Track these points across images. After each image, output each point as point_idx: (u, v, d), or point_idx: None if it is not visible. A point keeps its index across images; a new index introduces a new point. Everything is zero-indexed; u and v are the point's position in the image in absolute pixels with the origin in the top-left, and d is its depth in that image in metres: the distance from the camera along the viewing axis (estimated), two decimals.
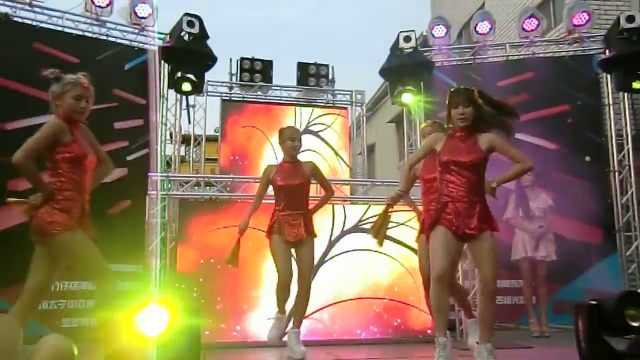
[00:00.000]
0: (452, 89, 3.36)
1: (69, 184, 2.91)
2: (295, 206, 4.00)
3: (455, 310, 5.27)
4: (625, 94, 6.61)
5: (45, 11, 5.87)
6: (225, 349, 4.51)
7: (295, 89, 8.54)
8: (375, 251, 4.94)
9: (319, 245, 4.57)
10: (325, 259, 5.14)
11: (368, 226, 4.59)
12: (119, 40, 6.28)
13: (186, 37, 6.11)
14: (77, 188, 2.95)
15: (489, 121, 3.21)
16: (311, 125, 8.13)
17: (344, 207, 5.33)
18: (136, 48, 6.38)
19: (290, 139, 4.09)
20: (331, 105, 8.63)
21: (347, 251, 5.20)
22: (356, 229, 5.26)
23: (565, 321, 5.52)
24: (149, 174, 4.92)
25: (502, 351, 4.39)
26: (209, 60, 6.36)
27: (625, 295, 2.57)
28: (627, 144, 6.52)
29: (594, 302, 2.64)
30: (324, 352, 4.30)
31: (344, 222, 5.25)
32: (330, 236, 5.20)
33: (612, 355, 2.40)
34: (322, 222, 5.06)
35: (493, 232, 3.16)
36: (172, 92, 6.70)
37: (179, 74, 6.27)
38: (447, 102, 3.27)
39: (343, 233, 5.24)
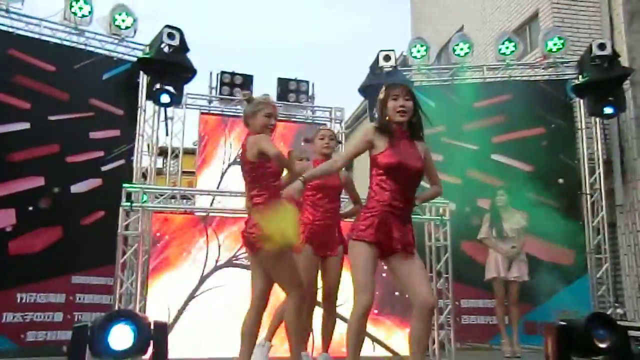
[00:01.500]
0: (387, 83, 3.02)
1: (275, 197, 3.06)
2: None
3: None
4: (597, 119, 6.78)
5: (23, 18, 5.79)
6: None
7: (275, 104, 8.54)
8: None
9: None
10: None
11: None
12: (97, 50, 6.23)
13: (166, 49, 6.07)
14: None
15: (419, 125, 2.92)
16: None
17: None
18: (115, 59, 6.33)
19: (321, 137, 3.83)
20: (310, 121, 8.65)
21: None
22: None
23: (537, 342, 5.57)
24: (123, 185, 4.84)
25: None
26: (189, 72, 6.33)
27: (593, 316, 2.61)
28: (599, 167, 6.68)
29: (563, 323, 2.66)
30: None
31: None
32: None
33: None
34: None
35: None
36: (150, 103, 6.64)
37: (157, 86, 6.23)
38: (381, 96, 2.88)
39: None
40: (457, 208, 6.10)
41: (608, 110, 6.47)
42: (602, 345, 2.55)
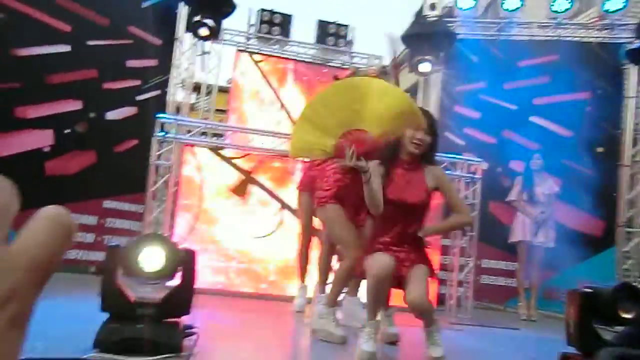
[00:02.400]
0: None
1: None
2: None
3: (447, 285, 5.33)
4: None
5: None
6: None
7: (313, 47, 8.38)
8: None
9: None
10: None
11: None
12: None
13: None
14: None
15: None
16: None
17: None
18: None
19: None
20: (347, 67, 8.47)
21: None
22: None
23: (554, 308, 5.57)
24: (157, 116, 4.87)
25: (488, 329, 4.46)
26: (229, 7, 6.23)
27: (621, 286, 2.57)
28: None
29: (588, 290, 2.63)
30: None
31: None
32: None
33: (601, 344, 2.41)
34: None
35: None
36: (187, 36, 6.58)
37: (197, 18, 6.15)
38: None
39: None
40: (489, 167, 6.01)
41: None
42: (628, 316, 2.51)
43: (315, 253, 4.04)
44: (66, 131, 5.43)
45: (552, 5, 6.80)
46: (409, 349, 3.08)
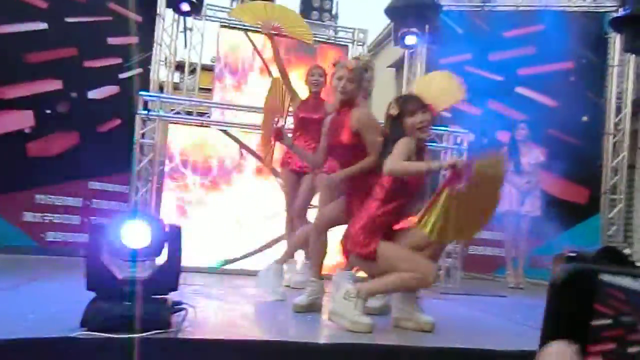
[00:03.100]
0: (398, 97, 2.90)
1: None
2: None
3: None
4: (632, 57, 6.49)
5: None
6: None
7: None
8: None
9: None
10: None
11: None
12: None
13: None
14: None
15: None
16: None
17: None
18: None
19: (310, 74, 4.15)
20: (332, 42, 8.38)
21: None
22: None
23: (540, 276, 5.66)
24: (140, 93, 4.79)
25: (475, 297, 4.53)
26: None
27: (604, 249, 2.60)
28: (626, 107, 6.47)
29: (572, 254, 2.66)
30: None
31: None
32: None
33: None
34: None
35: None
36: (169, 11, 6.45)
37: None
38: (393, 112, 2.76)
39: None
40: (475, 138, 6.02)
41: None
42: None
43: None
44: (47, 111, 5.34)
45: None
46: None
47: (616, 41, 6.53)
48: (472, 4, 7.00)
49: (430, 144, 4.92)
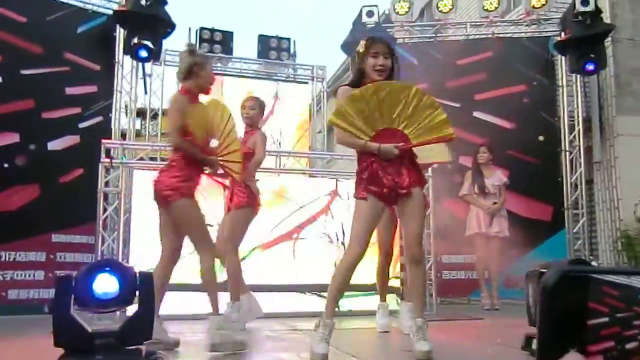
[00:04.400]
0: (369, 37, 2.98)
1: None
2: None
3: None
4: (578, 77, 6.82)
5: None
6: None
7: (256, 61, 8.38)
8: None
9: None
10: None
11: None
12: (71, 2, 5.97)
13: (143, 2, 5.86)
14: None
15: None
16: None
17: None
18: (90, 11, 6.10)
19: (242, 106, 4.07)
20: (291, 80, 8.51)
21: None
22: None
23: (515, 295, 5.72)
24: (102, 141, 4.73)
25: (454, 322, 4.53)
26: (167, 27, 6.15)
27: (573, 262, 2.67)
28: (578, 125, 6.76)
29: (543, 270, 2.71)
30: (279, 322, 4.31)
31: None
32: None
33: None
34: None
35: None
36: (128, 59, 6.45)
37: (134, 40, 6.03)
38: (361, 50, 2.88)
39: None
40: (439, 165, 6.12)
41: (589, 67, 6.50)
42: None
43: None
44: (5, 165, 5.20)
45: (483, 5, 7.08)
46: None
47: (562, 63, 6.86)
48: (425, 35, 7.27)
49: None
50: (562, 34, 6.64)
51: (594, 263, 6.37)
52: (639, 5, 7.17)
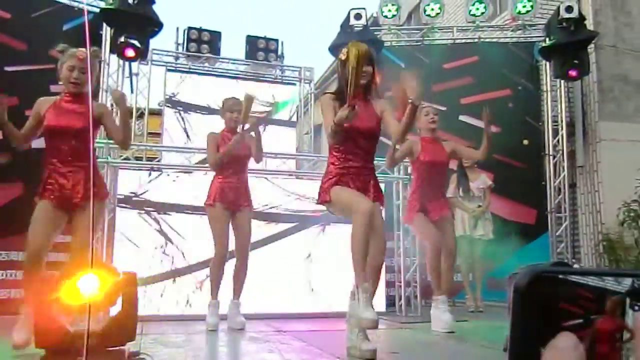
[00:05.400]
0: (351, 43, 3.01)
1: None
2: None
3: (395, 287, 5.41)
4: (562, 82, 6.91)
5: None
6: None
7: (243, 62, 8.37)
8: None
9: None
10: None
11: None
12: None
13: (130, 0, 5.82)
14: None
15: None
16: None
17: None
18: (76, 8, 6.03)
19: (230, 110, 4.04)
20: (279, 81, 8.52)
21: None
22: None
23: (498, 297, 5.77)
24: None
25: None
26: (155, 25, 6.11)
27: (555, 264, 2.69)
28: (562, 129, 6.85)
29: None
30: (264, 324, 4.30)
31: None
32: None
33: None
34: None
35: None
36: (114, 57, 6.39)
37: (121, 39, 5.99)
38: (343, 57, 2.95)
39: None
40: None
41: (572, 73, 6.59)
42: None
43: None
44: None
45: (470, 10, 7.15)
46: None
47: (546, 68, 6.95)
48: (412, 39, 7.32)
49: (382, 175, 5.03)
50: (547, 39, 6.73)
51: (575, 265, 6.48)
52: (622, 12, 7.29)
